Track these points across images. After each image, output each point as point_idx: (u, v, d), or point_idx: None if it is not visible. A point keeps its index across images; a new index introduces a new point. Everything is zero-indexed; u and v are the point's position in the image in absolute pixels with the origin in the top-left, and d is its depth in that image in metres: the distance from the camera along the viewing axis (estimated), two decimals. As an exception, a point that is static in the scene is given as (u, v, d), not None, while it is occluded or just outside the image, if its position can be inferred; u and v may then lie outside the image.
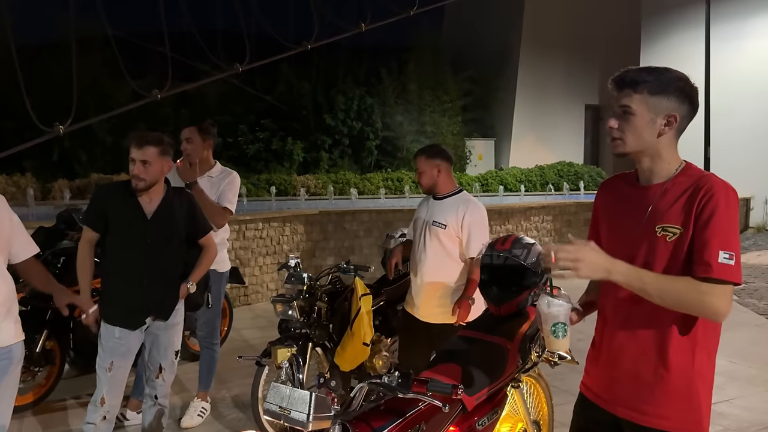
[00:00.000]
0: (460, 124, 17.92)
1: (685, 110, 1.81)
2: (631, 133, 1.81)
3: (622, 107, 1.81)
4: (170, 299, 3.30)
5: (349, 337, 3.79)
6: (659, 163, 1.84)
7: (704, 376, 1.83)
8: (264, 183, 13.33)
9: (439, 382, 2.07)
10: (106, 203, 3.20)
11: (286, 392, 1.96)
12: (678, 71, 1.83)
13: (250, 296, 7.65)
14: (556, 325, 1.94)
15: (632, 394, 1.86)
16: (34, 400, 4.31)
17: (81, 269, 3.23)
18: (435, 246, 3.57)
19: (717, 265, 1.69)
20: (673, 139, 1.83)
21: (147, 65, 12.51)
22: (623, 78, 1.82)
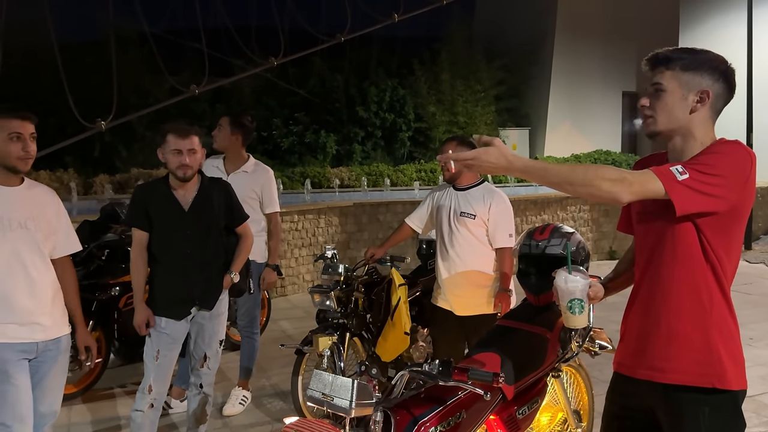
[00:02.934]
0: (493, 114, 17.74)
1: (720, 88, 1.77)
2: (662, 110, 1.78)
3: (654, 85, 1.80)
4: (214, 289, 3.36)
5: (390, 327, 3.82)
6: (691, 143, 1.79)
7: (724, 328, 1.78)
8: (298, 176, 13.43)
9: (479, 371, 2.08)
10: (147, 201, 3.26)
11: (328, 379, 1.99)
12: (714, 52, 1.79)
13: (286, 287, 7.75)
14: (573, 301, 1.96)
15: (650, 351, 1.84)
16: (81, 388, 4.45)
17: (136, 272, 3.26)
18: (465, 236, 3.57)
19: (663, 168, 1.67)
20: (708, 118, 1.79)
21: (184, 62, 12.72)
22: (657, 56, 1.81)
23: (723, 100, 1.80)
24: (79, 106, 4.63)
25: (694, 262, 1.75)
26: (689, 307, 1.77)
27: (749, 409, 4.13)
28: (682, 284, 1.77)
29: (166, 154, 3.18)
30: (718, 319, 1.77)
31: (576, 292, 1.96)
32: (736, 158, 1.69)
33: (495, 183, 13.88)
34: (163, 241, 3.25)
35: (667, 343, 1.80)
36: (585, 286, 1.98)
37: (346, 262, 7.38)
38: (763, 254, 10.40)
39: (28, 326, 2.64)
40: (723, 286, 1.77)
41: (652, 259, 1.84)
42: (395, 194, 12.23)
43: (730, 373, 1.76)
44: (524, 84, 18.47)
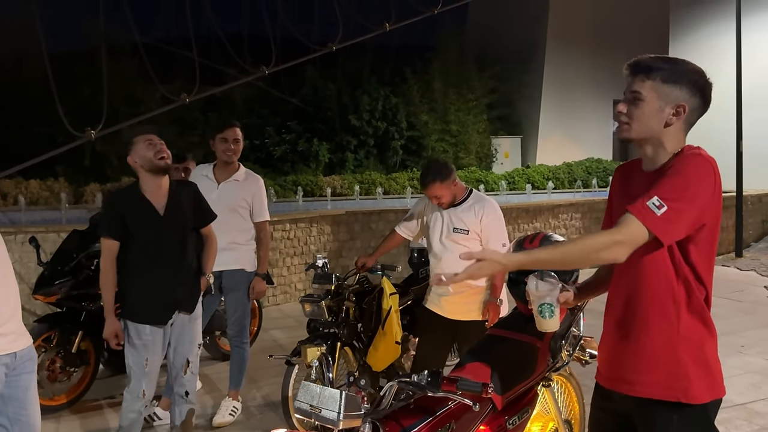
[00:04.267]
0: (485, 122, 17.81)
1: (696, 103, 1.80)
2: (638, 118, 1.80)
3: (633, 93, 1.82)
4: (194, 291, 3.41)
5: (382, 336, 3.80)
6: (661, 153, 1.83)
7: (692, 341, 1.79)
8: (290, 184, 13.42)
9: (469, 381, 2.07)
10: (122, 209, 3.25)
11: (316, 391, 1.98)
12: (694, 64, 1.82)
13: (278, 296, 7.71)
14: (543, 305, 2.04)
15: (621, 365, 1.87)
16: (69, 400, 4.41)
17: (107, 284, 3.23)
18: (459, 250, 3.56)
19: (640, 207, 1.69)
20: (680, 130, 1.82)
21: (175, 70, 12.71)
22: (638, 63, 1.83)
23: (698, 114, 1.83)
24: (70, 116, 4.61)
25: (662, 276, 1.78)
26: (656, 322, 1.80)
27: (740, 416, 4.13)
28: (651, 298, 1.80)
29: (139, 152, 3.21)
30: (686, 333, 1.78)
31: (546, 297, 2.03)
32: (701, 175, 1.73)
33: (486, 191, 13.93)
34: (142, 247, 3.23)
35: (635, 356, 1.83)
36: (555, 291, 2.04)
37: (339, 270, 7.36)
38: (753, 261, 10.45)
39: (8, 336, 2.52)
40: (694, 299, 1.79)
41: (624, 272, 1.87)
42: (388, 202, 12.24)
43: (696, 387, 1.78)
44: (516, 92, 18.57)
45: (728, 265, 10.37)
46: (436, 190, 3.56)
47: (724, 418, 4.03)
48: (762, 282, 8.91)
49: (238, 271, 4.15)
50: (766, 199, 12.25)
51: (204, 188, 4.12)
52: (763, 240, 11.92)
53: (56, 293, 4.41)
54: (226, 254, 4.00)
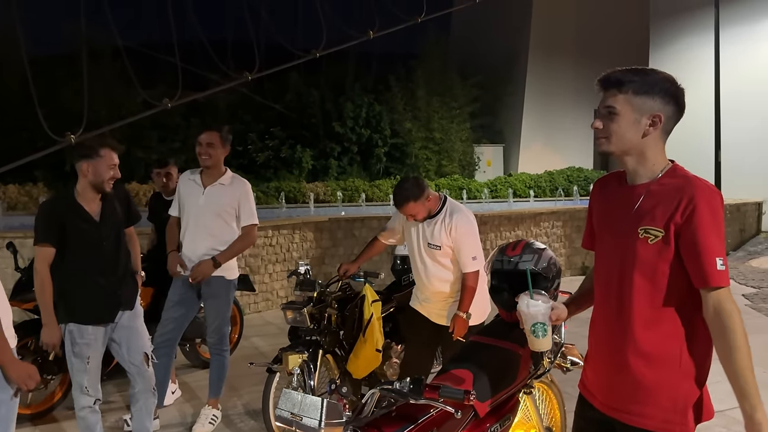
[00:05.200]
0: (468, 131, 17.91)
1: (671, 111, 1.81)
2: (615, 132, 1.81)
3: (607, 107, 1.82)
4: (132, 289, 3.56)
5: (362, 343, 3.80)
6: (644, 164, 1.83)
7: (692, 374, 1.81)
8: (273, 191, 13.37)
9: (450, 388, 2.07)
10: (61, 215, 3.27)
11: (297, 398, 1.96)
12: (664, 72, 1.83)
13: (260, 304, 7.66)
14: (536, 324, 2.03)
15: (620, 393, 1.86)
16: (46, 408, 4.34)
17: (47, 292, 3.25)
18: (435, 267, 3.66)
19: (717, 275, 1.70)
20: (658, 139, 1.83)
21: (158, 75, 12.63)
22: (609, 78, 1.83)
23: (674, 121, 1.83)
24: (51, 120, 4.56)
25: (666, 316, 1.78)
26: (659, 355, 1.79)
27: (719, 424, 4.17)
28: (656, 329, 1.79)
29: (98, 168, 3.25)
30: (688, 367, 1.80)
31: (538, 315, 2.02)
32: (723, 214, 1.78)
33: (468, 199, 13.99)
34: (82, 253, 3.30)
35: (635, 387, 1.82)
36: (547, 310, 2.04)
37: (321, 277, 7.33)
38: (732, 270, 10.59)
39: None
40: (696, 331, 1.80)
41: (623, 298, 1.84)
42: (371, 209, 12.23)
43: (693, 419, 1.81)
44: (498, 101, 18.71)
45: (707, 273, 10.50)
46: (410, 209, 3.58)
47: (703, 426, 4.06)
48: (740, 290, 9.03)
49: (217, 278, 4.10)
50: (744, 209, 12.44)
51: (191, 192, 4.13)
52: (741, 249, 12.10)
53: (34, 300, 4.34)
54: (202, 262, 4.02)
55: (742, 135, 12.63)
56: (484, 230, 9.01)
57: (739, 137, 12.53)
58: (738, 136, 12.46)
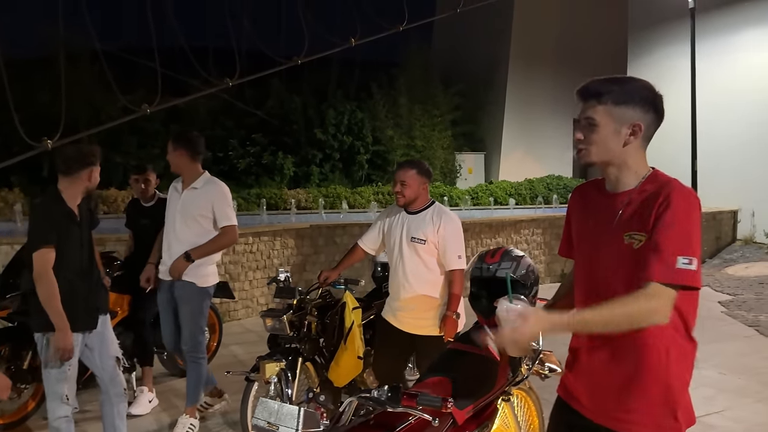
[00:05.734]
0: (450, 138, 18.00)
1: (650, 119, 1.81)
2: (597, 143, 1.81)
3: (587, 119, 1.82)
4: (106, 293, 3.63)
5: (343, 351, 3.77)
6: (626, 172, 1.84)
7: (680, 377, 1.82)
8: (254, 197, 13.30)
9: (428, 396, 2.06)
10: (59, 218, 3.27)
11: (274, 407, 1.95)
12: (642, 80, 1.84)
13: (239, 311, 7.60)
14: None
15: (609, 400, 1.86)
16: (20, 417, 4.26)
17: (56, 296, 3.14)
18: (416, 261, 3.58)
19: (674, 270, 1.66)
20: (639, 148, 1.83)
21: (138, 80, 12.51)
22: (587, 89, 1.83)
23: (653, 129, 1.84)
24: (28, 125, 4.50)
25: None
26: (647, 361, 1.79)
27: (695, 430, 4.21)
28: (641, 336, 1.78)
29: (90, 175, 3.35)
30: (675, 371, 1.81)
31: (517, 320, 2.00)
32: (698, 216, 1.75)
33: (450, 206, 14.02)
34: (69, 257, 3.28)
35: (626, 393, 1.82)
36: None
37: (302, 285, 7.29)
38: (708, 277, 10.74)
39: None
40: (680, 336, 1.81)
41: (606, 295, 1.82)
42: (353, 216, 12.21)
43: (681, 423, 1.82)
44: (480, 110, 18.84)
45: (684, 280, 10.63)
46: (408, 176, 3.56)
47: None
48: (716, 297, 9.16)
49: (188, 284, 4.05)
50: (719, 217, 12.63)
51: (171, 199, 4.19)
52: (717, 256, 12.28)
53: (8, 307, 4.27)
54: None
55: (718, 144, 12.83)
56: (465, 237, 9.00)
57: (715, 146, 12.73)
58: (714, 146, 12.66)
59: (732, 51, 13.18)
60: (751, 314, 7.91)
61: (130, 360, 4.79)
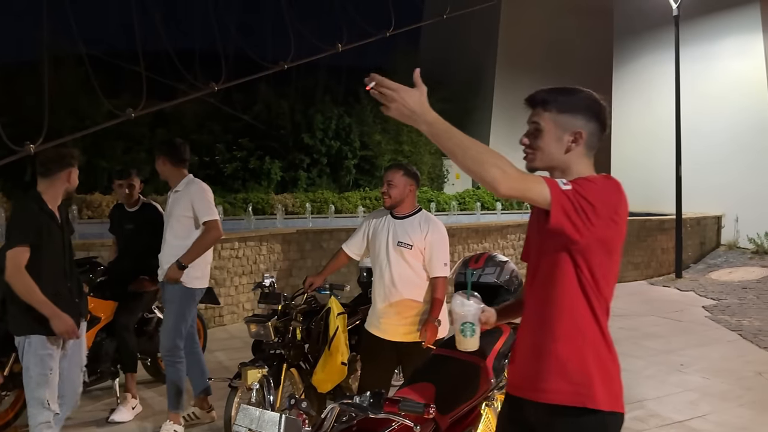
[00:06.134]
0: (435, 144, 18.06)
1: (593, 127, 1.90)
2: (541, 148, 1.91)
3: (533, 124, 1.92)
4: (86, 299, 3.61)
5: (327, 357, 3.75)
6: (569, 177, 1.89)
7: (597, 351, 1.87)
8: (241, 202, 13.25)
9: (411, 402, 2.06)
10: (41, 217, 3.27)
11: (255, 414, 1.94)
12: (588, 91, 1.93)
13: (225, 317, 7.56)
14: (465, 324, 2.13)
15: (532, 374, 1.92)
16: (1, 424, 4.20)
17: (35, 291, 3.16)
18: (401, 265, 3.56)
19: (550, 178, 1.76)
20: (582, 155, 1.91)
21: (123, 84, 12.45)
22: (534, 97, 1.94)
23: (597, 138, 1.92)
24: (11, 129, 4.50)
25: (569, 289, 1.85)
26: (566, 330, 1.87)
27: (678, 434, 4.25)
28: (560, 308, 1.87)
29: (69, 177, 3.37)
30: (593, 343, 1.87)
31: (468, 316, 2.11)
32: (607, 191, 1.79)
33: (437, 211, 14.06)
34: (50, 259, 3.28)
35: (546, 365, 1.89)
36: (477, 311, 2.13)
37: (289, 290, 7.25)
38: (692, 282, 10.83)
39: None
40: (597, 315, 1.87)
41: (534, 283, 1.95)
42: (340, 221, 12.21)
43: (600, 393, 1.85)
44: (467, 115, 18.91)
45: (668, 285, 10.72)
46: (395, 178, 3.59)
47: (663, 436, 4.13)
48: (700, 302, 9.24)
49: (181, 287, 4.10)
50: (704, 222, 12.76)
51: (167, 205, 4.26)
52: (702, 261, 12.39)
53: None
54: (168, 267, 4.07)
55: (703, 150, 12.97)
56: (452, 242, 9.02)
57: (700, 152, 12.86)
58: (698, 151, 12.79)
59: (715, 58, 13.34)
60: (735, 319, 7.99)
61: (113, 366, 4.76)
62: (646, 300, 9.48)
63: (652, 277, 11.48)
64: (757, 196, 12.32)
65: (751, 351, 6.49)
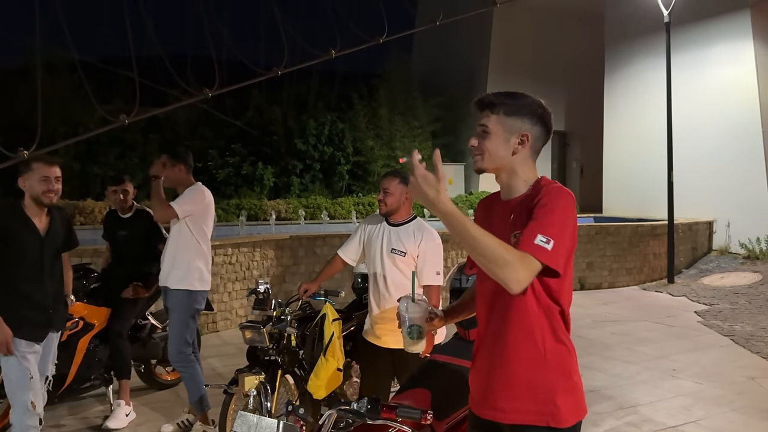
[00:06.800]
0: (430, 149, 18.05)
1: (538, 131, 1.97)
2: (488, 150, 1.96)
3: (481, 126, 1.98)
4: (64, 311, 3.62)
5: (323, 363, 3.74)
6: (515, 179, 1.98)
7: (559, 366, 1.88)
8: (234, 208, 13.23)
9: (408, 408, 2.07)
10: (7, 224, 3.30)
11: (253, 420, 1.94)
12: (534, 97, 2.00)
13: (218, 323, 7.54)
14: (412, 327, 2.15)
15: (492, 392, 1.93)
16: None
17: None
18: (395, 273, 3.59)
19: (532, 245, 1.75)
20: (528, 157, 1.98)
21: (116, 90, 12.41)
22: (483, 100, 2.00)
23: (542, 141, 2.00)
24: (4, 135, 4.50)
25: (527, 308, 1.87)
26: (526, 352, 1.88)
27: (672, 439, 4.26)
28: (517, 326, 1.89)
29: (31, 182, 3.34)
30: (553, 361, 1.88)
31: (415, 318, 2.14)
32: (569, 209, 1.86)
33: (430, 217, 14.08)
34: (20, 265, 3.29)
35: (506, 383, 1.90)
36: (424, 314, 2.16)
37: (282, 296, 7.26)
38: (684, 287, 10.88)
39: None
40: (556, 328, 1.89)
41: (494, 305, 1.95)
42: (333, 227, 12.20)
43: (564, 411, 1.86)
44: (459, 122, 18.96)
45: (661, 291, 10.77)
46: (391, 186, 3.61)
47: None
48: (693, 307, 9.28)
49: (177, 292, 4.17)
50: (695, 227, 12.82)
51: None
52: (694, 267, 12.46)
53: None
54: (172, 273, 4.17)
55: (694, 156, 13.04)
56: (445, 248, 9.03)
57: (691, 158, 12.93)
58: (690, 157, 12.86)
59: (706, 64, 13.44)
60: (727, 324, 8.03)
61: (107, 373, 4.74)
62: (638, 305, 9.52)
63: (644, 282, 11.53)
64: (749, 202, 12.40)
65: (744, 356, 6.52)
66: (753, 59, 12.62)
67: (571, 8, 17.84)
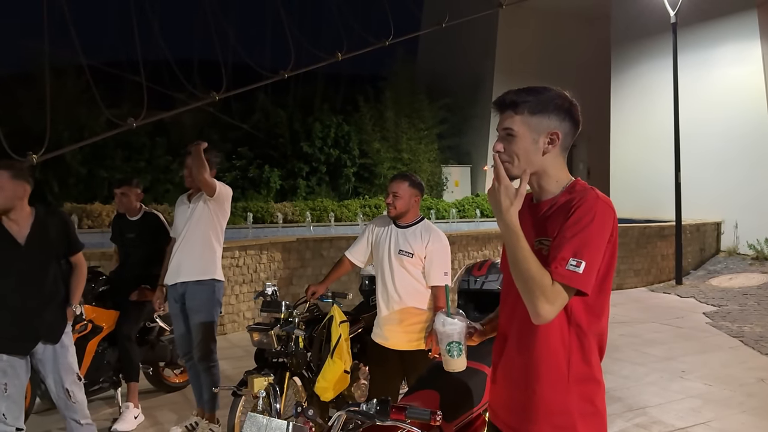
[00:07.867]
0: (436, 151, 18.09)
1: (567, 127, 1.80)
2: (517, 154, 1.78)
3: (505, 130, 1.81)
4: (59, 322, 3.40)
5: (330, 365, 3.75)
6: (546, 181, 1.83)
7: (582, 391, 1.77)
8: (241, 211, 13.27)
9: (417, 409, 2.06)
10: None
11: (263, 422, 1.94)
12: (557, 89, 1.83)
13: (225, 326, 7.55)
14: (451, 344, 1.98)
15: (511, 411, 1.85)
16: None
17: None
18: (402, 274, 3.58)
19: (562, 271, 1.65)
20: (558, 156, 1.82)
21: (124, 94, 12.48)
22: (503, 100, 1.83)
23: (571, 137, 1.83)
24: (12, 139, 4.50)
25: (553, 324, 1.72)
26: (547, 370, 1.77)
27: (682, 440, 4.24)
28: (542, 345, 1.77)
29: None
30: (577, 385, 1.76)
31: (454, 335, 1.98)
32: (605, 225, 1.72)
33: (436, 219, 14.08)
34: None
35: (523, 404, 1.80)
36: (462, 329, 2.00)
37: (289, 298, 7.25)
38: (692, 289, 10.84)
39: None
40: (586, 349, 1.77)
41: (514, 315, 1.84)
42: (339, 229, 12.22)
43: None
44: (465, 123, 18.96)
45: (669, 292, 10.72)
46: (401, 188, 3.60)
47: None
48: (701, 309, 9.24)
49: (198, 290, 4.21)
50: (703, 228, 12.77)
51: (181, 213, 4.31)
52: (702, 268, 12.40)
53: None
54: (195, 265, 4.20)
55: (702, 156, 12.99)
56: (452, 250, 9.03)
57: (699, 158, 12.89)
58: (697, 158, 12.82)
59: (713, 64, 13.39)
60: (736, 325, 7.98)
61: (115, 375, 4.75)
62: (646, 307, 9.48)
63: (652, 283, 11.49)
64: (757, 202, 12.33)
65: (753, 357, 6.48)
66: (760, 59, 12.57)
67: (577, 9, 17.82)
